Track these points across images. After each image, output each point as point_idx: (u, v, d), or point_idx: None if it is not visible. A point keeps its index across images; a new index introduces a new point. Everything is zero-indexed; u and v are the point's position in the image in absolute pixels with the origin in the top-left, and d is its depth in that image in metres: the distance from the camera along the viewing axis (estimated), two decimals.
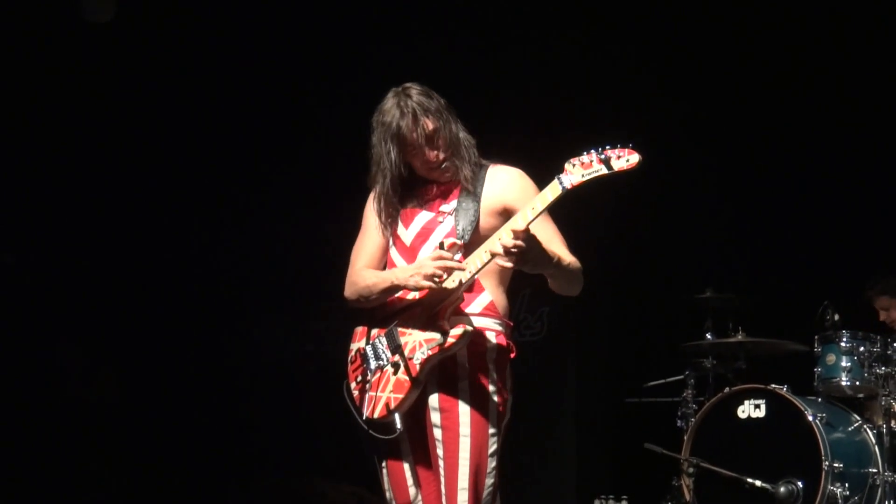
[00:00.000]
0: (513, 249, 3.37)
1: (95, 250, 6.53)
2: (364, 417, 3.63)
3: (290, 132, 7.04)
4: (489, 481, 3.60)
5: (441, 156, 3.67)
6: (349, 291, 3.80)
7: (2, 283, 6.07)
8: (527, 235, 3.38)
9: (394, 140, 3.64)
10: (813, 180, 6.71)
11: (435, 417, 3.59)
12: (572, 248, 3.68)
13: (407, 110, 3.61)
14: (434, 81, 3.74)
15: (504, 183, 3.71)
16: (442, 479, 3.57)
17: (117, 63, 6.53)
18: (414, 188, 3.77)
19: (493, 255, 3.44)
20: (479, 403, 3.59)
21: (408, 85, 3.69)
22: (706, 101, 6.87)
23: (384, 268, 3.81)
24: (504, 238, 3.39)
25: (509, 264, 3.43)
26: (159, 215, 6.77)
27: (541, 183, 3.51)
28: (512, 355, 3.68)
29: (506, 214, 3.65)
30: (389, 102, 3.66)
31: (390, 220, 3.76)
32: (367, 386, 3.65)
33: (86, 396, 6.29)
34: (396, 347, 3.61)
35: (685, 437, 5.95)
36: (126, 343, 6.53)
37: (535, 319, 7.35)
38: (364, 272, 3.78)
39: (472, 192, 3.68)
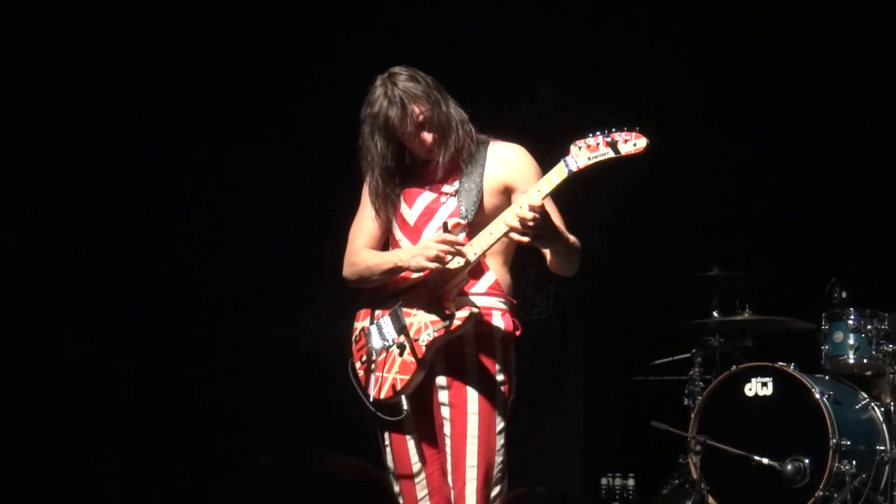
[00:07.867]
0: (530, 223, 3.35)
1: (103, 237, 6.50)
2: (371, 398, 3.62)
3: (292, 109, 6.99)
4: (498, 459, 3.60)
5: (436, 137, 3.62)
6: (348, 271, 3.78)
7: (9, 270, 6.03)
8: (543, 210, 3.36)
9: (381, 131, 3.60)
10: (820, 156, 6.67)
11: (442, 396, 3.59)
12: (578, 226, 3.66)
13: (395, 99, 3.55)
14: (435, 57, 3.70)
15: (506, 161, 3.68)
16: (448, 457, 3.57)
17: (124, 50, 6.47)
18: (415, 167, 3.74)
19: (511, 229, 3.40)
20: (486, 382, 3.59)
21: (394, 70, 3.62)
22: (713, 76, 6.83)
23: (384, 248, 3.78)
24: (522, 212, 3.36)
25: (526, 239, 3.40)
26: (162, 201, 6.73)
27: (544, 162, 3.49)
28: (517, 333, 3.67)
29: (507, 193, 3.64)
30: (377, 92, 3.60)
31: (389, 202, 3.71)
32: (373, 366, 3.64)
33: (95, 375, 6.31)
34: (402, 328, 3.60)
35: (692, 415, 5.94)
36: (135, 327, 6.53)
37: (542, 298, 7.33)
38: (363, 252, 3.76)
39: (471, 171, 3.64)
